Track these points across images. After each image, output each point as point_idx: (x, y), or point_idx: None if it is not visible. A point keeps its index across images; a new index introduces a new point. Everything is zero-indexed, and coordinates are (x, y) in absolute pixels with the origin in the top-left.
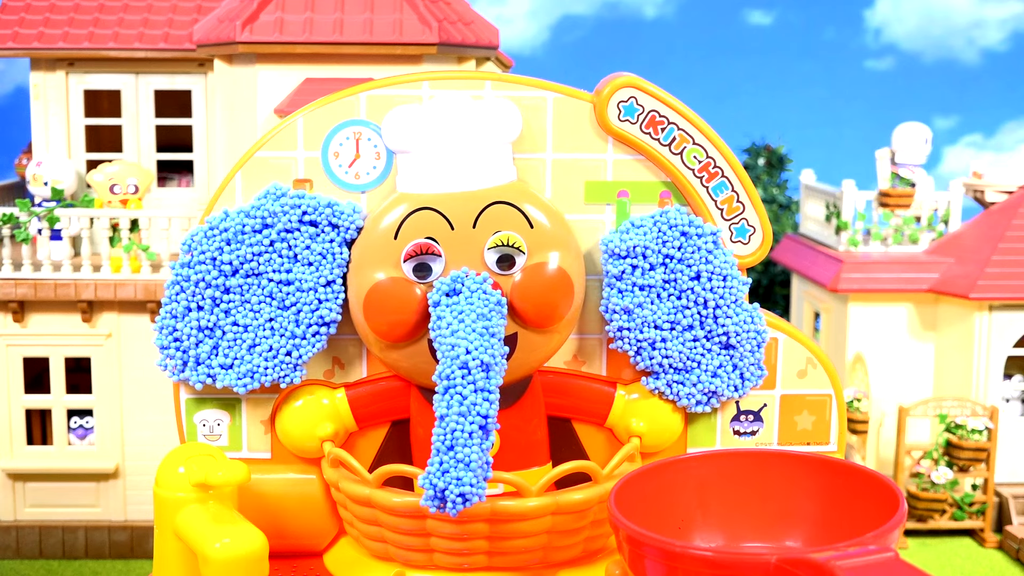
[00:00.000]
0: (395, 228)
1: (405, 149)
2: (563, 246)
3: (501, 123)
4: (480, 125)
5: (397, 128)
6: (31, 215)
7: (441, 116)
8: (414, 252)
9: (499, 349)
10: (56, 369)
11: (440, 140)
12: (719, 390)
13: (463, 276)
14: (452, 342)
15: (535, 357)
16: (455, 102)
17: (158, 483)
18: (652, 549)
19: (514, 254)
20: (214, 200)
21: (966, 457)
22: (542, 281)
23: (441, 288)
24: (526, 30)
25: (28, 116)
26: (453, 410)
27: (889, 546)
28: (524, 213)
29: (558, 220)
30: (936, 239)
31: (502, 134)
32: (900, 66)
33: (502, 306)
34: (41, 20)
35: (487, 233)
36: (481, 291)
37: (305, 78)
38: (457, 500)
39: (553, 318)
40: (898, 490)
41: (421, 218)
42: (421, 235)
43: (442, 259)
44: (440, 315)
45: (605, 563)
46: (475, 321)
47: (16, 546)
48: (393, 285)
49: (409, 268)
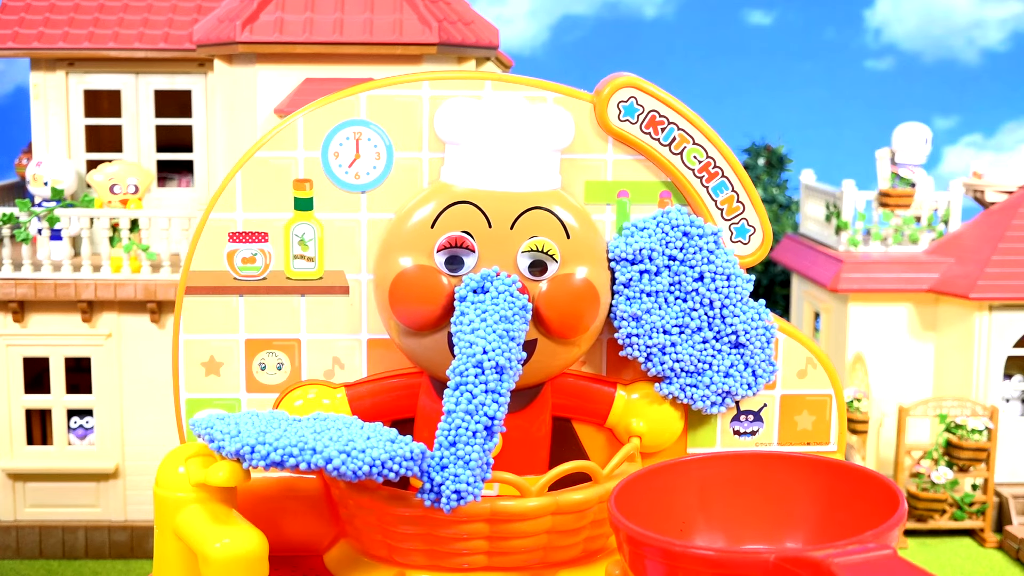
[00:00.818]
0: (433, 217)
1: (455, 140)
2: (595, 260)
3: (554, 130)
4: (534, 128)
5: (451, 118)
6: (31, 215)
7: (496, 114)
8: (448, 244)
9: (516, 353)
10: (56, 369)
11: (492, 137)
12: (733, 389)
13: (492, 275)
14: (471, 340)
15: (551, 365)
16: (512, 102)
17: (158, 483)
18: (652, 549)
19: (547, 261)
20: (214, 200)
21: (966, 457)
22: (570, 291)
23: (469, 284)
24: (526, 30)
25: (28, 116)
26: (461, 407)
27: (888, 544)
28: (563, 222)
29: (594, 233)
30: (936, 239)
31: (554, 141)
32: (900, 66)
33: (527, 311)
34: (41, 20)
35: (524, 236)
36: (508, 293)
37: (305, 78)
38: (452, 496)
39: (577, 329)
40: (898, 490)
41: (460, 211)
42: (458, 228)
43: (475, 255)
44: (464, 311)
45: (605, 563)
46: (497, 323)
47: (16, 546)
48: (423, 273)
49: (441, 259)
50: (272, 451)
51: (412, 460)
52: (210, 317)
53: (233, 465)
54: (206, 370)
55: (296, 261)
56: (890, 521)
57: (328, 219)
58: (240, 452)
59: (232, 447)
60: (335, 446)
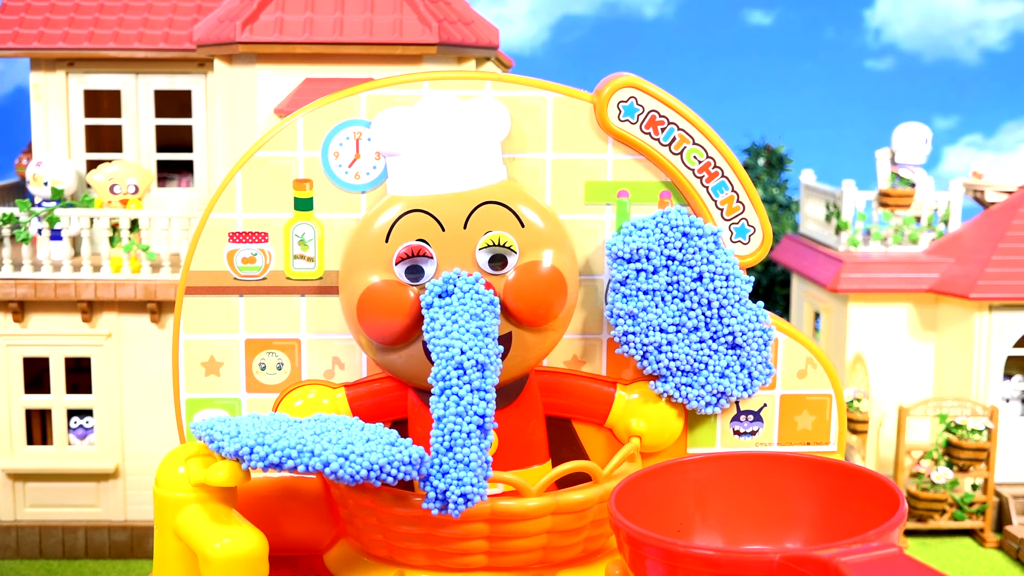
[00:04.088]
0: (386, 231)
1: (394, 151)
2: (555, 244)
3: (489, 122)
4: (468, 125)
5: (386, 131)
6: (31, 215)
7: (429, 117)
8: (406, 255)
9: (494, 349)
10: (56, 369)
11: (428, 141)
12: (728, 390)
13: (455, 277)
14: (446, 343)
15: (531, 356)
16: (443, 103)
17: (158, 483)
18: (653, 549)
19: (506, 254)
20: (214, 200)
21: (966, 457)
22: (534, 280)
23: (433, 290)
24: (526, 30)
25: (28, 116)
26: (450, 411)
27: (893, 543)
28: (515, 212)
29: (550, 218)
30: (936, 239)
31: (491, 134)
32: (900, 66)
33: (495, 306)
34: (41, 20)
35: (478, 233)
36: (473, 291)
37: (305, 78)
38: (459, 501)
39: (547, 317)
40: (898, 490)
41: (412, 220)
42: (412, 237)
43: (434, 261)
44: (433, 316)
45: (605, 563)
46: (468, 321)
47: (16, 546)
48: (386, 288)
49: (401, 271)
50: (271, 452)
51: (411, 465)
52: (210, 317)
53: (233, 465)
54: (206, 370)
55: (296, 261)
56: (892, 519)
57: (328, 219)
58: (239, 453)
59: (231, 448)
60: (333, 449)
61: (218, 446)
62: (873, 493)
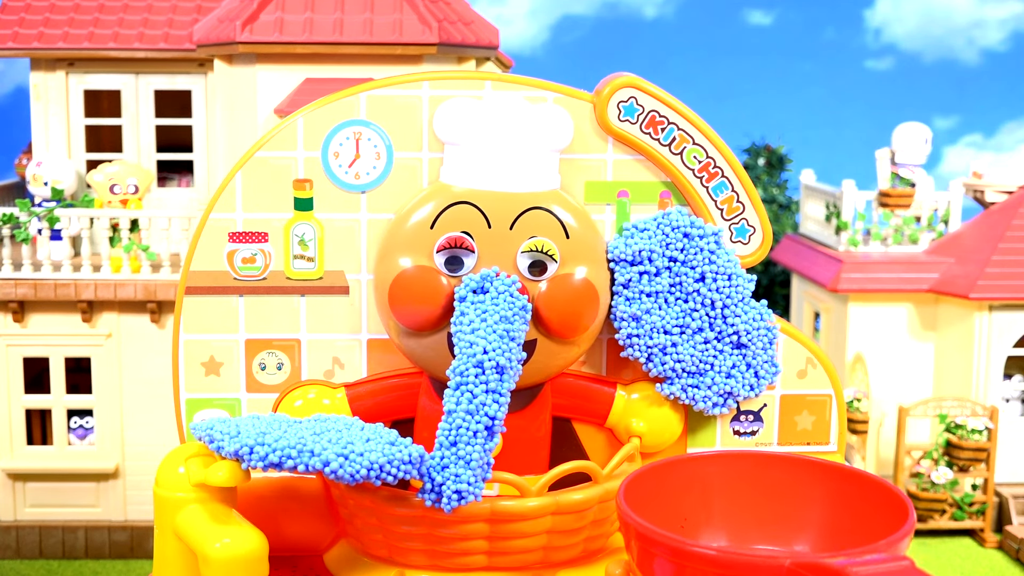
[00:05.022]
0: (433, 218)
1: (454, 141)
2: (595, 261)
3: (554, 130)
4: (532, 128)
5: (450, 119)
6: (31, 215)
7: (496, 114)
8: (448, 244)
9: (517, 354)
10: (56, 369)
11: (490, 136)
12: (735, 390)
13: (492, 275)
14: (471, 340)
15: (551, 365)
16: (511, 102)
17: (158, 483)
18: (663, 548)
19: (547, 261)
20: (214, 200)
21: (966, 457)
22: (570, 291)
23: (469, 284)
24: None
25: (28, 116)
26: (461, 407)
27: (904, 554)
28: (562, 222)
29: (593, 233)
30: (936, 239)
31: (553, 141)
32: (900, 66)
33: (527, 311)
34: (41, 20)
35: (523, 236)
36: (508, 293)
37: (305, 78)
38: (453, 496)
39: (576, 329)
40: (907, 499)
41: (460, 211)
42: (457, 228)
43: (475, 255)
44: (464, 311)
45: (605, 563)
46: (497, 323)
47: (16, 546)
48: (422, 274)
49: (441, 259)
50: (270, 452)
51: (410, 464)
52: (210, 317)
53: (233, 465)
54: (206, 370)
55: (296, 261)
56: (902, 530)
57: (328, 219)
58: (239, 453)
59: (231, 447)
60: (333, 449)
61: (218, 446)
62: (880, 500)
